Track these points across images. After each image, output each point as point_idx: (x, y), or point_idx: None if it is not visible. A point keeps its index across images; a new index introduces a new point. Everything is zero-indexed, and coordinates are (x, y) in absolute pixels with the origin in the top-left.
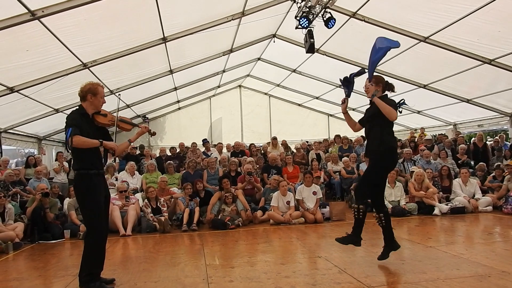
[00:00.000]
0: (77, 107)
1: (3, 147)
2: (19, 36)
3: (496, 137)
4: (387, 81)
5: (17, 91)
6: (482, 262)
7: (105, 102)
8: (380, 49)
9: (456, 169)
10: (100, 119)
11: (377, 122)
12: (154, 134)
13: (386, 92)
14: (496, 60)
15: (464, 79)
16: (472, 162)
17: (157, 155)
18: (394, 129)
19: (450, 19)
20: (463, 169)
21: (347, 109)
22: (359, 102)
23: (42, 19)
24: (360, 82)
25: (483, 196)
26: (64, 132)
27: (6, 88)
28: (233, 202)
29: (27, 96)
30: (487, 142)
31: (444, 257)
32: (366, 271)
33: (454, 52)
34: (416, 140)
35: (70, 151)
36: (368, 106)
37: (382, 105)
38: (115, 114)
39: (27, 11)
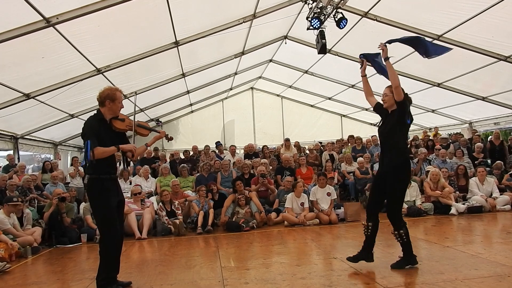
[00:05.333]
0: (95, 112)
1: (20, 152)
2: (35, 43)
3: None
4: (406, 93)
5: (33, 98)
6: (501, 261)
7: (123, 107)
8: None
9: (472, 168)
10: (118, 125)
11: (392, 137)
12: (171, 139)
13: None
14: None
15: (479, 76)
16: (489, 161)
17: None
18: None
19: (464, 17)
20: (480, 168)
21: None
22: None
23: (56, 26)
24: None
25: (500, 194)
26: (83, 143)
27: (22, 94)
28: (247, 204)
29: (43, 102)
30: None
31: (462, 257)
32: (383, 272)
33: (468, 49)
34: (432, 139)
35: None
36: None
37: (391, 69)
38: (132, 118)
39: (42, 18)
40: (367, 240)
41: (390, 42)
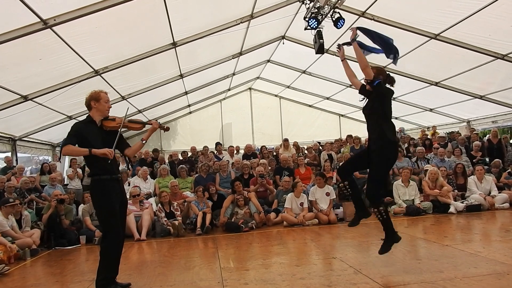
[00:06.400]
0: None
1: (18, 154)
2: (32, 45)
3: (505, 135)
4: (388, 73)
5: (31, 99)
6: (500, 259)
7: (110, 107)
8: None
9: (470, 167)
10: (109, 123)
11: (374, 117)
12: (167, 129)
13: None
14: (509, 55)
15: (477, 75)
16: (487, 159)
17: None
18: (406, 127)
19: (461, 15)
20: (478, 166)
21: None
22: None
23: (54, 28)
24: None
25: (499, 193)
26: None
27: (20, 96)
28: (245, 204)
29: (41, 104)
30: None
31: (461, 255)
32: (382, 271)
33: (466, 48)
34: (430, 138)
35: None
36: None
37: (357, 51)
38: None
39: (39, 20)
40: (353, 199)
41: (362, 30)
